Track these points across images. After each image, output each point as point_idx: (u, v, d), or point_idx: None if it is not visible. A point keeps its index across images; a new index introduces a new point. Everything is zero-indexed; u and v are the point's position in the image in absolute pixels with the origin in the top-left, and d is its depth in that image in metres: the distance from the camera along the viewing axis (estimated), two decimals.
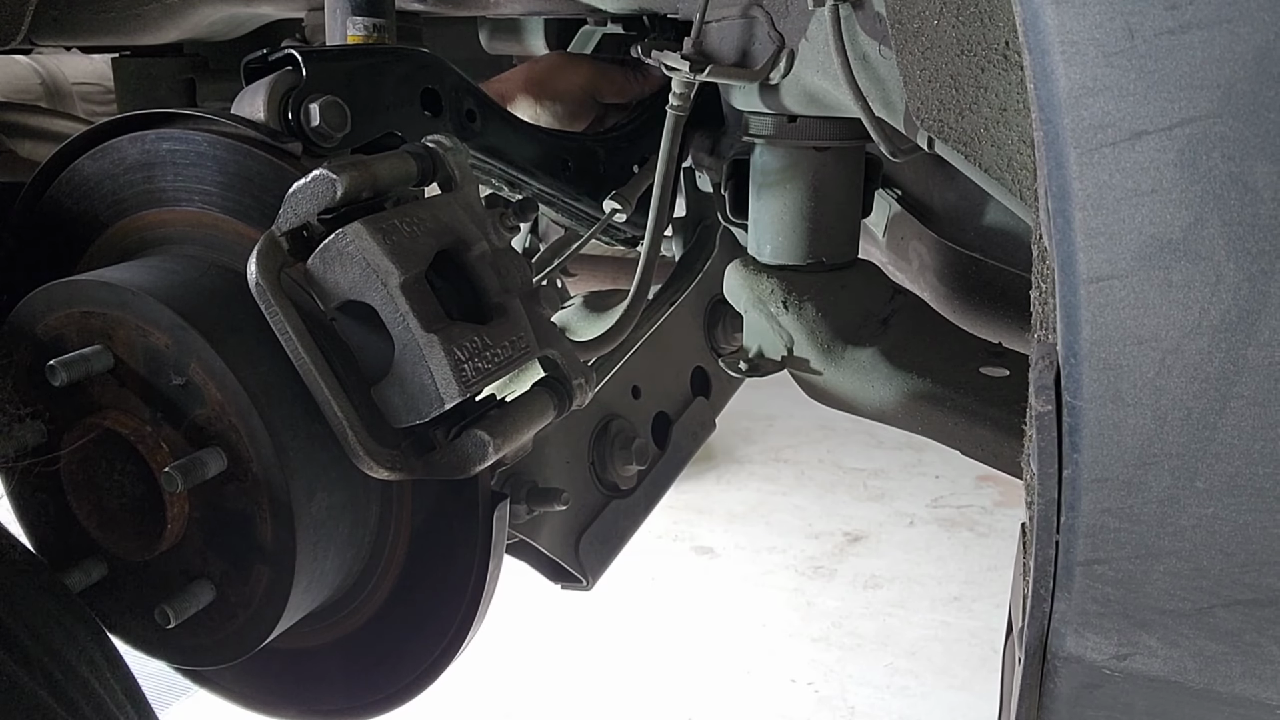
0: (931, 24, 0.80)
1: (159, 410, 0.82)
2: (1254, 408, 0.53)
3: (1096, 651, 0.62)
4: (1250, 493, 0.55)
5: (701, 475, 3.86)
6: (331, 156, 0.88)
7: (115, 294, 0.81)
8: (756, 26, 1.06)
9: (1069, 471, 0.58)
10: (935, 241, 1.45)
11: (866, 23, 0.93)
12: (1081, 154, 0.52)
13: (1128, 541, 0.58)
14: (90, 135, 0.90)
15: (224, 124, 0.86)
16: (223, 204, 0.86)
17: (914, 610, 3.06)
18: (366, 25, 1.07)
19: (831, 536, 3.49)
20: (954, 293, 1.42)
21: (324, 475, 0.83)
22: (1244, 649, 0.59)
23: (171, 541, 0.83)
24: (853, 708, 2.65)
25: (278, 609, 0.84)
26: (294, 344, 0.77)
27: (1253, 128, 0.49)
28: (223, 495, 0.82)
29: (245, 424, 0.80)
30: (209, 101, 1.66)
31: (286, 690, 0.99)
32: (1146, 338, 0.54)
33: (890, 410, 1.19)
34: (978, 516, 3.60)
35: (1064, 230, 0.54)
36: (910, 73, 0.82)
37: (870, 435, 4.10)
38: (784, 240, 1.22)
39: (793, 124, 1.17)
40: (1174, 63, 0.49)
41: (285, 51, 0.90)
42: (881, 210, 1.56)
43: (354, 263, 0.77)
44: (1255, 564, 0.56)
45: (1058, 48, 0.50)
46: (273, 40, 1.63)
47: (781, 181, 1.20)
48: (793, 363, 1.22)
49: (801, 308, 1.21)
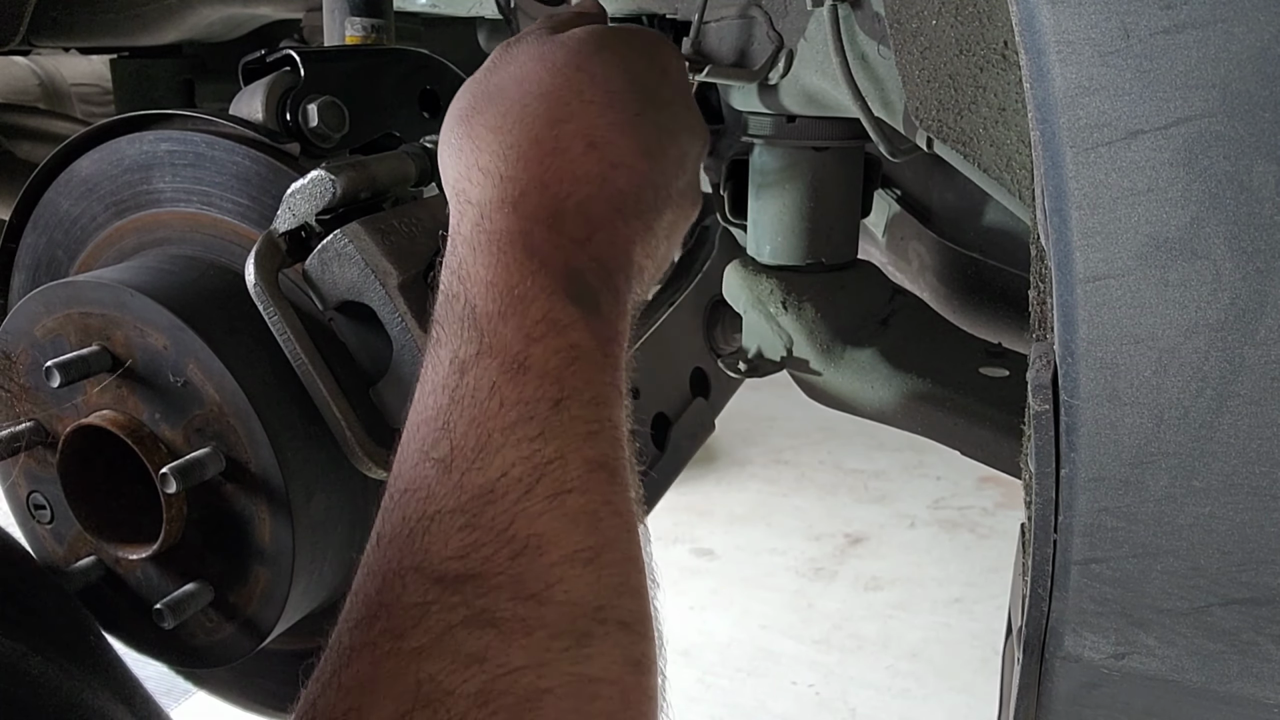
0: (930, 24, 0.80)
1: (157, 411, 0.82)
2: (1252, 407, 0.53)
3: (1094, 650, 0.62)
4: (1248, 492, 0.55)
5: (702, 477, 3.86)
6: (330, 157, 0.88)
7: (113, 295, 0.82)
8: (755, 27, 1.06)
9: (1066, 471, 0.58)
10: (935, 241, 1.45)
11: (865, 23, 0.93)
12: (1078, 153, 0.52)
13: (1125, 540, 0.58)
14: (88, 136, 0.90)
15: (222, 124, 0.86)
16: (221, 204, 0.86)
17: (915, 612, 3.06)
18: (365, 26, 1.07)
19: (832, 538, 3.49)
20: (954, 293, 1.42)
21: (322, 476, 0.83)
22: (1241, 648, 0.59)
23: (169, 542, 0.83)
24: (854, 709, 2.65)
25: (276, 610, 0.84)
26: (292, 344, 0.77)
27: (1250, 127, 0.49)
28: (221, 496, 0.82)
29: (243, 425, 0.80)
30: (207, 102, 1.66)
31: (285, 692, 0.99)
32: (1144, 337, 0.54)
33: (890, 410, 1.18)
34: (979, 518, 3.60)
35: (1061, 230, 0.54)
36: (909, 72, 0.82)
37: (871, 437, 4.10)
38: (783, 240, 1.22)
39: (792, 124, 1.17)
40: (1170, 62, 0.49)
41: (283, 52, 0.90)
42: (881, 210, 1.56)
43: (352, 263, 0.77)
44: (1253, 563, 0.56)
45: (1053, 47, 0.50)
46: (271, 41, 1.63)
47: (781, 182, 1.20)
48: (792, 363, 1.22)
49: (801, 308, 1.21)
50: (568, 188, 0.61)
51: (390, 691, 0.47)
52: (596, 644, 0.51)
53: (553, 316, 0.57)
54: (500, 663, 0.48)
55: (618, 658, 0.52)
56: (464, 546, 0.51)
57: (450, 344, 0.57)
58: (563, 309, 0.58)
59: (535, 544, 0.51)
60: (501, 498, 0.52)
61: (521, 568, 0.50)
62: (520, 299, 0.57)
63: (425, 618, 0.49)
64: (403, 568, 0.51)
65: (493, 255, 0.59)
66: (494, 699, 0.47)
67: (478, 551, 0.51)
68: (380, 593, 0.51)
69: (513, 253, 0.59)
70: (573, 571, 0.51)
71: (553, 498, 0.52)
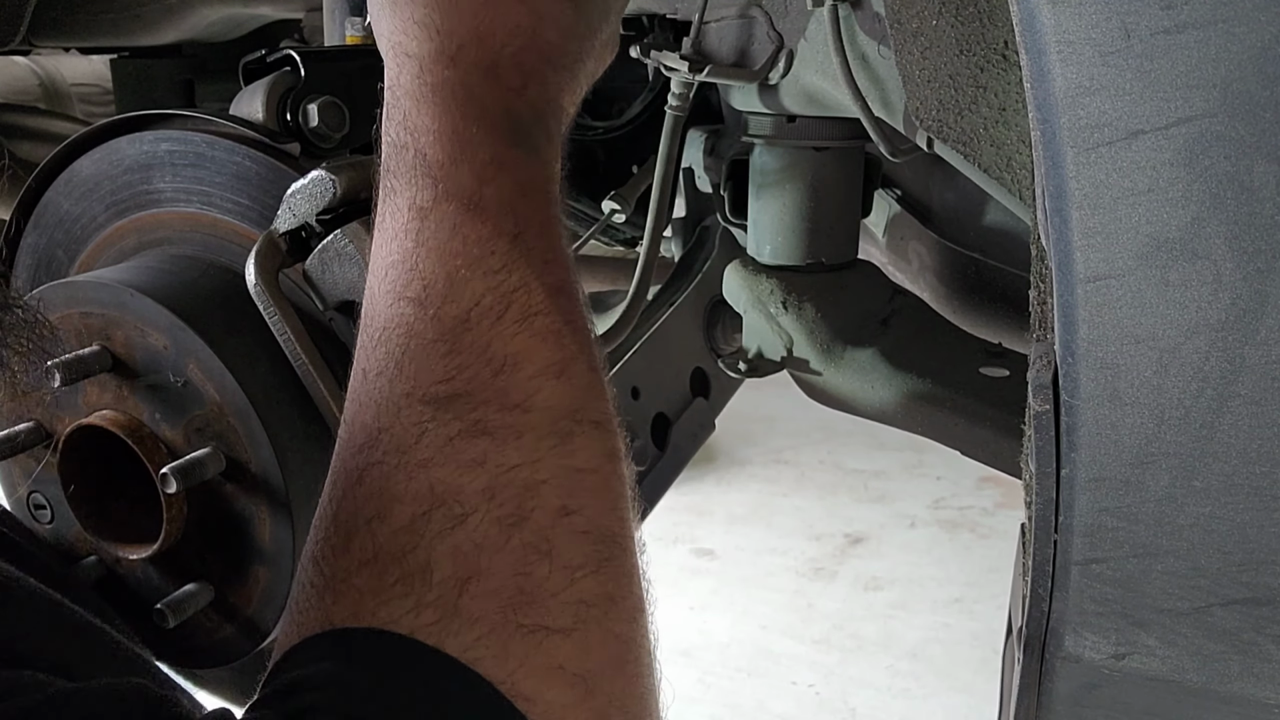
0: (930, 24, 0.80)
1: (157, 411, 0.82)
2: (1252, 407, 0.53)
3: (1095, 651, 0.62)
4: (1248, 492, 0.55)
5: (702, 476, 3.86)
6: (330, 157, 0.88)
7: (113, 294, 0.82)
8: (755, 27, 1.06)
9: (1067, 471, 0.58)
10: (935, 242, 1.45)
11: (865, 23, 0.93)
12: (1078, 153, 0.52)
13: (1126, 541, 0.58)
14: (89, 136, 0.90)
15: (222, 125, 0.86)
16: (221, 204, 0.86)
17: (915, 612, 3.06)
18: (365, 26, 1.07)
19: (832, 538, 3.49)
20: (954, 293, 1.42)
21: (322, 476, 0.83)
22: (1242, 648, 0.59)
23: (170, 542, 0.83)
24: (854, 710, 2.65)
25: (276, 610, 0.84)
26: (292, 344, 0.77)
27: (1250, 127, 0.49)
28: (221, 496, 0.82)
29: (243, 424, 0.80)
30: (207, 102, 1.66)
31: None
32: (1144, 337, 0.54)
33: (890, 410, 1.18)
34: (979, 518, 3.59)
35: (1061, 230, 0.54)
36: (909, 72, 0.82)
37: (871, 436, 4.09)
38: (783, 240, 1.22)
39: (792, 124, 1.17)
40: (1170, 62, 0.49)
41: (284, 52, 0.90)
42: (881, 210, 1.56)
43: (352, 263, 0.77)
44: (1253, 563, 0.56)
45: (1054, 47, 0.50)
46: (271, 41, 1.63)
47: (781, 182, 1.20)
48: (792, 363, 1.22)
49: (801, 308, 1.21)
50: (501, 39, 0.65)
51: (407, 496, 0.54)
52: (578, 440, 0.58)
53: (500, 158, 0.62)
54: (499, 462, 0.55)
55: (596, 450, 0.59)
56: (449, 370, 0.56)
57: (406, 192, 0.62)
58: (507, 151, 0.63)
59: (513, 361, 0.57)
60: (476, 324, 0.58)
61: (504, 383, 0.57)
62: (468, 144, 0.62)
63: (425, 434, 0.55)
64: (395, 394, 0.57)
65: (437, 106, 0.62)
66: (499, 491, 0.54)
67: (462, 373, 0.56)
68: (377, 419, 0.57)
69: (456, 102, 0.63)
70: (549, 383, 0.58)
71: (522, 320, 0.58)
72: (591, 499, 0.58)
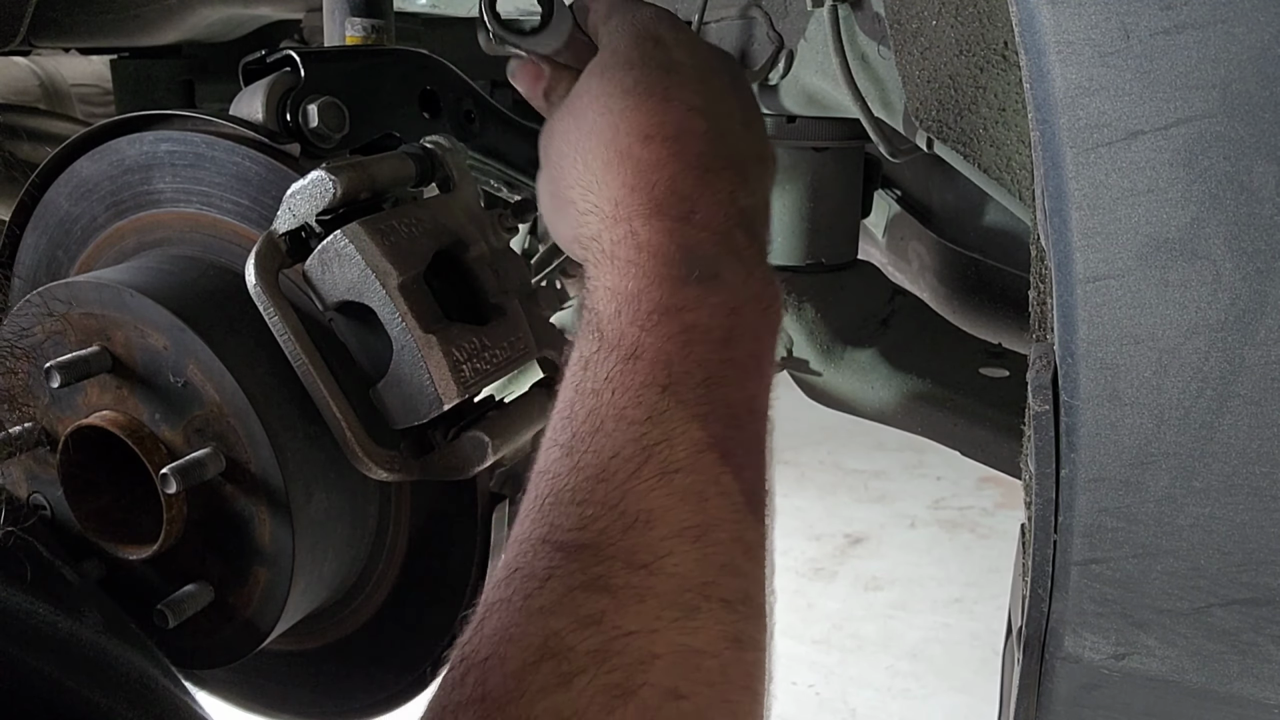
0: (930, 24, 0.80)
1: (157, 411, 0.82)
2: (1252, 407, 0.53)
3: (1095, 651, 0.62)
4: (1248, 492, 0.55)
5: None
6: (330, 157, 0.88)
7: (113, 295, 0.82)
8: (755, 27, 1.06)
9: (1066, 471, 0.58)
10: (935, 242, 1.45)
11: (865, 23, 0.93)
12: (1078, 154, 0.52)
13: (1125, 541, 0.58)
14: (88, 136, 0.90)
15: (222, 125, 0.86)
16: (221, 205, 0.86)
17: (915, 612, 3.06)
18: (365, 26, 1.07)
19: (832, 538, 3.49)
20: (954, 293, 1.42)
21: (322, 477, 0.83)
22: (1241, 648, 0.59)
23: (169, 543, 0.83)
24: (854, 710, 2.65)
25: (276, 610, 0.84)
26: (292, 345, 0.77)
27: (1250, 127, 0.49)
28: (221, 496, 0.82)
29: (243, 425, 0.80)
30: (207, 103, 1.66)
31: (286, 692, 0.99)
32: (1144, 337, 0.54)
33: (890, 411, 1.19)
34: (979, 518, 3.59)
35: (1060, 230, 0.54)
36: (909, 73, 0.83)
37: (871, 437, 4.10)
38: (783, 241, 1.23)
39: (792, 124, 1.17)
40: (1170, 62, 0.49)
41: (283, 52, 0.90)
42: (881, 210, 1.56)
43: (352, 263, 0.77)
44: (1253, 563, 0.56)
45: (1053, 48, 0.50)
46: (271, 41, 1.63)
47: (780, 182, 1.20)
48: (792, 363, 1.22)
49: (801, 308, 1.21)
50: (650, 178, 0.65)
51: (521, 643, 0.53)
52: (701, 618, 0.55)
53: (665, 304, 0.62)
54: (615, 624, 0.53)
55: (720, 633, 0.56)
56: (582, 519, 0.56)
57: (580, 348, 0.64)
58: (676, 293, 0.62)
59: (644, 519, 0.56)
60: (612, 476, 0.57)
61: (633, 540, 0.55)
62: (632, 295, 0.62)
63: (549, 580, 0.55)
64: (533, 537, 0.57)
65: (607, 264, 0.65)
66: (610, 658, 0.52)
67: (594, 524, 0.56)
68: (516, 558, 0.57)
69: (624, 254, 0.64)
70: (681, 546, 0.56)
71: (660, 476, 0.57)
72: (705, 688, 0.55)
